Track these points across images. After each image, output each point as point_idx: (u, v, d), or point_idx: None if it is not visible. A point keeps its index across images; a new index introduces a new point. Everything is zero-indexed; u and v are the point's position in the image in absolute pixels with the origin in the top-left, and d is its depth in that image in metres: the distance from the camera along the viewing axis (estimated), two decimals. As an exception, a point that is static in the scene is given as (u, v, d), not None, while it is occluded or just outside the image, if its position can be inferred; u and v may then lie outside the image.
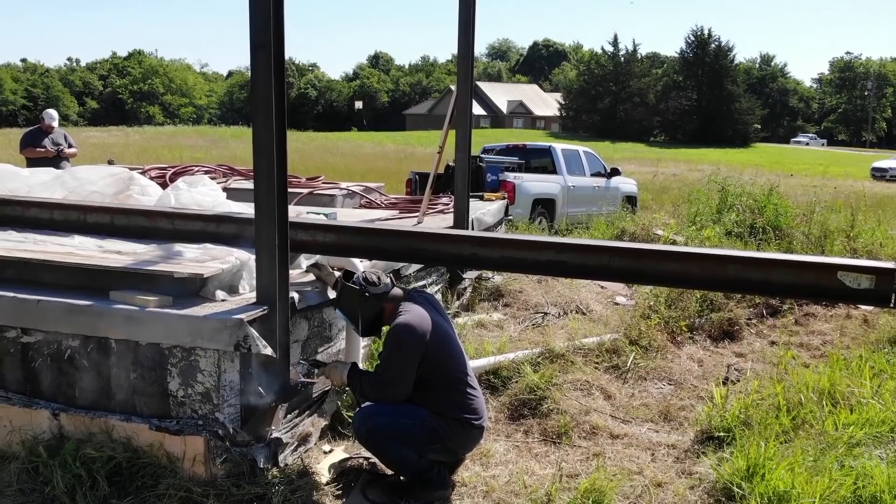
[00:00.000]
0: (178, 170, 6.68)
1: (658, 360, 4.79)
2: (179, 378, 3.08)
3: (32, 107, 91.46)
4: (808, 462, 3.28)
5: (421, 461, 3.19)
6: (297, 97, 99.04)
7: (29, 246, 3.68)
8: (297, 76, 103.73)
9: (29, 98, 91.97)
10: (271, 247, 3.09)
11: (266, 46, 2.94)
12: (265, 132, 2.96)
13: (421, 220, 5.93)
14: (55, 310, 3.18)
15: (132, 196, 4.33)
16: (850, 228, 7.31)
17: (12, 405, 3.32)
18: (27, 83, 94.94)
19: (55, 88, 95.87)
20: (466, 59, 5.59)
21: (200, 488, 3.00)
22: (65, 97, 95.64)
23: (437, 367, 3.18)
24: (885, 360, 4.66)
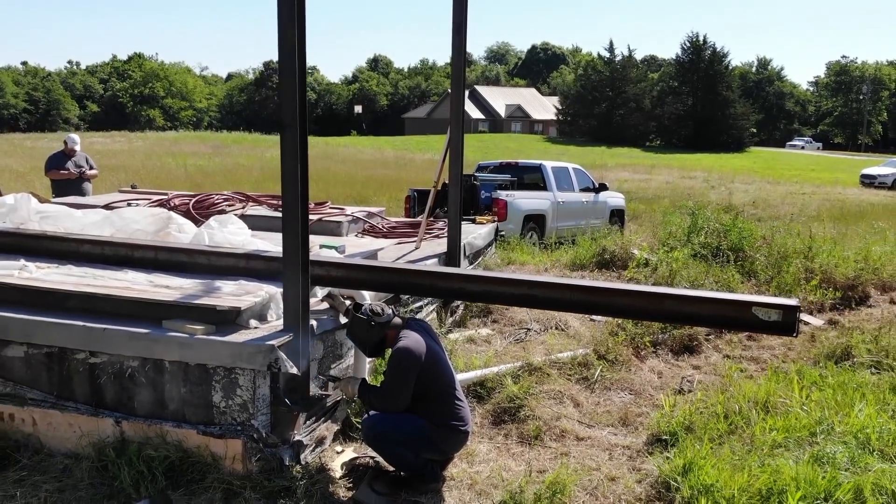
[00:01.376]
0: (200, 198, 7.39)
1: (622, 372, 5.52)
2: (222, 392, 3.81)
3: (34, 110, 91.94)
4: (733, 460, 4.01)
5: (418, 460, 3.92)
6: None
7: (90, 280, 4.41)
8: None
9: (30, 101, 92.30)
10: (295, 286, 3.82)
11: (293, 127, 3.67)
12: (292, 197, 3.69)
13: (418, 245, 6.67)
14: (119, 336, 3.91)
15: (171, 234, 5.06)
16: (807, 250, 8.03)
17: (81, 414, 4.05)
18: (28, 87, 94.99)
19: (56, 92, 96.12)
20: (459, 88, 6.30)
21: (239, 481, 3.73)
22: (66, 101, 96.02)
23: (431, 383, 3.90)
24: (818, 374, 5.40)
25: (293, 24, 3.62)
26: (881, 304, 7.80)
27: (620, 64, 71.93)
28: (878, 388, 5.14)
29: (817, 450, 4.17)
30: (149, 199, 7.91)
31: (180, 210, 7.00)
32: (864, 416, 4.56)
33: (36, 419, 4.12)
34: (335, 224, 7.16)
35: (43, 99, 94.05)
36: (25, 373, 4.16)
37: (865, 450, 4.22)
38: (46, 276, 4.48)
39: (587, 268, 9.07)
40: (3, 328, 4.13)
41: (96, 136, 51.24)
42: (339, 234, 7.05)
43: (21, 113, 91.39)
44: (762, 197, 26.87)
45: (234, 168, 29.16)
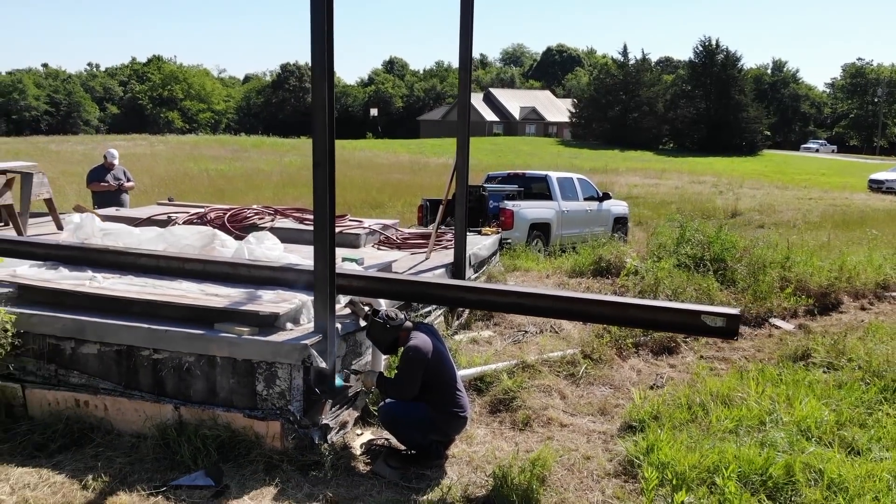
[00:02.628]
0: (234, 212, 8.24)
1: (605, 369, 6.30)
2: (264, 382, 4.63)
3: (55, 112, 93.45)
4: (689, 443, 4.78)
5: (424, 440, 4.72)
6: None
7: (149, 289, 5.25)
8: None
9: (51, 104, 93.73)
10: (323, 295, 4.64)
11: (323, 166, 4.49)
12: (321, 223, 4.51)
13: (429, 256, 7.48)
14: (178, 336, 4.75)
15: (215, 248, 5.89)
16: (785, 261, 8.76)
17: (146, 401, 4.88)
18: (49, 89, 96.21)
19: (77, 94, 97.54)
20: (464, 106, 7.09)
21: (277, 456, 4.55)
22: (86, 103, 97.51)
23: (435, 376, 4.70)
24: (777, 373, 6.15)
25: (324, 79, 4.43)
26: (851, 311, 8.53)
27: (634, 67, 72.47)
28: (826, 384, 5.90)
29: (763, 436, 4.94)
30: (186, 211, 8.77)
31: (216, 223, 7.86)
32: (808, 408, 5.32)
33: (107, 405, 4.96)
34: (354, 236, 7.99)
35: (64, 101, 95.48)
36: (98, 367, 5.00)
37: (804, 436, 5.00)
38: (112, 285, 5.33)
39: (585, 275, 9.83)
40: (79, 329, 4.98)
41: (118, 139, 52.42)
42: (358, 246, 7.88)
43: (42, 115, 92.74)
44: (768, 202, 27.45)
45: (255, 173, 30.09)
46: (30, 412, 5.11)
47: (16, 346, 4.94)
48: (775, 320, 7.83)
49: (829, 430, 5.08)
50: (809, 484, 4.33)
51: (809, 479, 4.38)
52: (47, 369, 5.11)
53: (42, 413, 5.06)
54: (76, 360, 5.04)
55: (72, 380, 5.05)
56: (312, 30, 4.37)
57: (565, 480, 4.55)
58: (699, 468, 4.46)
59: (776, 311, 8.00)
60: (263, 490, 4.28)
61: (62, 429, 4.91)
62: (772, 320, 7.81)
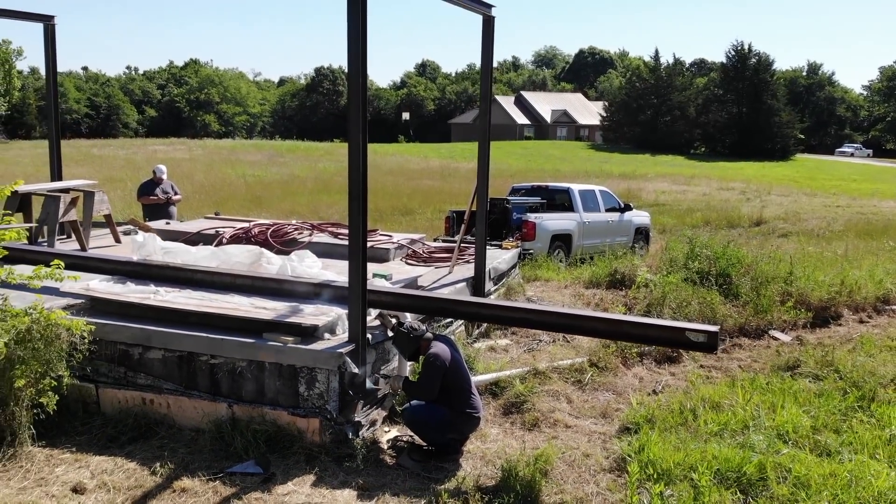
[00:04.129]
0: (275, 228, 9.03)
1: (610, 377, 6.96)
2: (305, 384, 5.38)
3: (95, 115, 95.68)
4: (676, 444, 5.42)
5: (443, 438, 5.42)
6: (346, 106, 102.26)
7: (206, 302, 6.03)
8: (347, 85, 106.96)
9: (91, 107, 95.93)
10: (356, 309, 5.37)
11: (358, 199, 5.22)
12: (355, 249, 5.23)
13: (451, 270, 8.19)
14: (232, 344, 5.51)
15: (262, 265, 6.66)
16: (788, 275, 9.31)
17: (203, 400, 5.65)
18: (89, 92, 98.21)
19: (116, 97, 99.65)
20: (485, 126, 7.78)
21: (316, 448, 5.28)
22: (125, 106, 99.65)
23: (452, 381, 5.40)
24: (765, 382, 6.75)
25: (358, 130, 5.16)
26: (850, 323, 9.06)
27: (665, 72, 72.52)
28: (809, 393, 6.49)
29: (744, 438, 5.57)
30: (232, 226, 9.59)
31: (260, 238, 8.65)
32: (788, 414, 5.93)
33: (170, 403, 5.74)
34: (384, 250, 8.73)
35: (104, 104, 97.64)
36: (162, 370, 5.79)
37: (782, 439, 5.61)
38: (173, 298, 6.12)
39: (601, 286, 10.46)
40: (146, 337, 5.77)
41: (157, 143, 53.96)
42: (388, 260, 8.62)
43: (83, 118, 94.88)
44: (794, 210, 27.72)
45: (290, 179, 31.08)
46: (102, 409, 5.90)
47: (91, 351, 5.72)
48: (774, 332, 8.40)
49: (805, 435, 5.68)
50: (779, 481, 4.95)
51: (779, 476, 5.00)
52: (118, 371, 5.90)
53: (113, 409, 5.85)
54: (143, 364, 5.83)
55: (139, 381, 5.84)
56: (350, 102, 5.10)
57: (565, 474, 5.22)
58: (683, 465, 5.10)
59: (776, 324, 8.57)
60: (304, 477, 5.01)
61: (131, 423, 5.68)
62: (771, 332, 8.39)
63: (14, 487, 4.87)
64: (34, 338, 5.22)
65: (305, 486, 4.91)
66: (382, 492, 4.89)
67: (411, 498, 4.84)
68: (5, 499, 4.70)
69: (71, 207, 8.87)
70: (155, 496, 4.76)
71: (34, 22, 9.72)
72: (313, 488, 4.90)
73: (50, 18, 9.69)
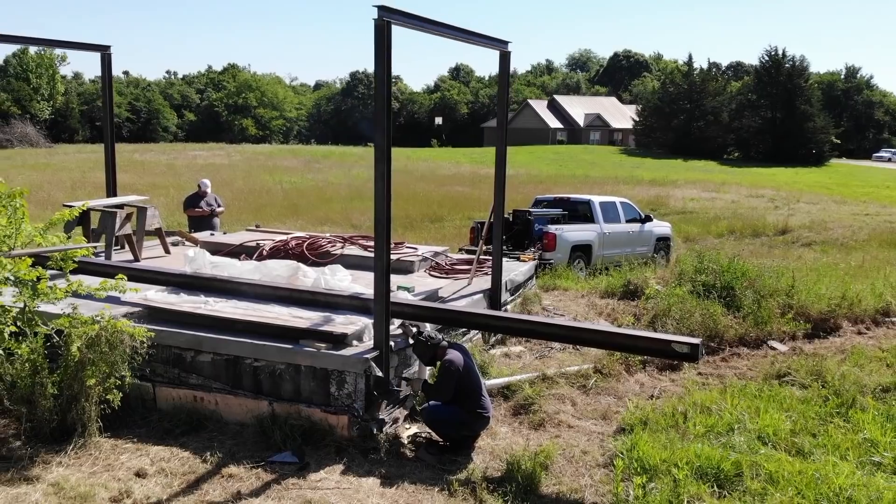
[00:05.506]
0: (311, 241, 9.83)
1: (613, 382, 7.62)
2: (336, 385, 6.14)
3: (135, 119, 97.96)
4: (664, 443, 6.07)
5: (457, 435, 6.14)
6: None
7: (250, 311, 6.82)
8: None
9: (132, 111, 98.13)
10: (381, 320, 6.12)
11: (382, 224, 5.96)
12: (380, 271, 5.98)
13: (470, 282, 8.90)
14: (273, 349, 6.29)
15: (299, 278, 7.45)
16: (790, 288, 9.85)
17: (247, 398, 6.44)
18: (130, 96, 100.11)
19: (156, 102, 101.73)
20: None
21: (345, 442, 6.04)
22: (165, 110, 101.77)
23: (465, 384, 6.11)
24: (755, 389, 7.35)
25: (383, 182, 5.89)
26: (848, 335, 9.58)
27: (699, 77, 72.38)
28: (793, 399, 7.09)
29: (727, 439, 6.20)
30: (272, 238, 10.42)
31: (297, 251, 9.46)
32: (770, 418, 6.55)
33: (218, 401, 6.53)
34: (409, 262, 9.49)
35: (144, 108, 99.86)
36: (211, 371, 6.58)
37: (762, 441, 6.23)
38: (221, 308, 6.92)
39: (615, 296, 11.09)
40: (198, 343, 6.58)
41: (197, 149, 55.42)
42: (412, 271, 9.37)
43: (124, 122, 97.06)
44: (822, 218, 27.82)
45: (325, 186, 32.05)
46: (158, 405, 6.71)
47: (150, 354, 6.53)
48: (773, 342, 8.97)
49: (784, 437, 6.29)
50: (752, 477, 5.58)
51: (753, 473, 5.63)
52: (172, 372, 6.71)
53: (167, 406, 6.66)
54: (194, 366, 6.63)
55: (191, 381, 6.65)
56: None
57: (564, 468, 5.91)
58: (668, 462, 5.76)
59: (775, 335, 9.13)
60: (334, 467, 5.77)
61: (184, 418, 6.48)
62: (770, 342, 8.96)
63: (86, 472, 5.68)
64: (102, 342, 6.03)
65: (335, 474, 5.66)
66: (402, 480, 5.63)
67: (427, 486, 5.57)
68: (79, 481, 5.51)
69: (126, 222, 9.76)
70: (206, 480, 5.54)
71: (92, 52, 10.65)
72: (342, 476, 5.65)
73: (107, 48, 10.60)
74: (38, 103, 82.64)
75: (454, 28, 6.82)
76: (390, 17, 5.76)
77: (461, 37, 7.08)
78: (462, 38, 7.09)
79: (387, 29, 5.70)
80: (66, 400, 5.98)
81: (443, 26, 6.57)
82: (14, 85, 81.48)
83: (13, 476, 5.48)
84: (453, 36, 6.95)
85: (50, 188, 27.72)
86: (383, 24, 5.68)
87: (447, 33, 6.79)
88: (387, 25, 5.71)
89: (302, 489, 5.40)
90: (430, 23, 6.32)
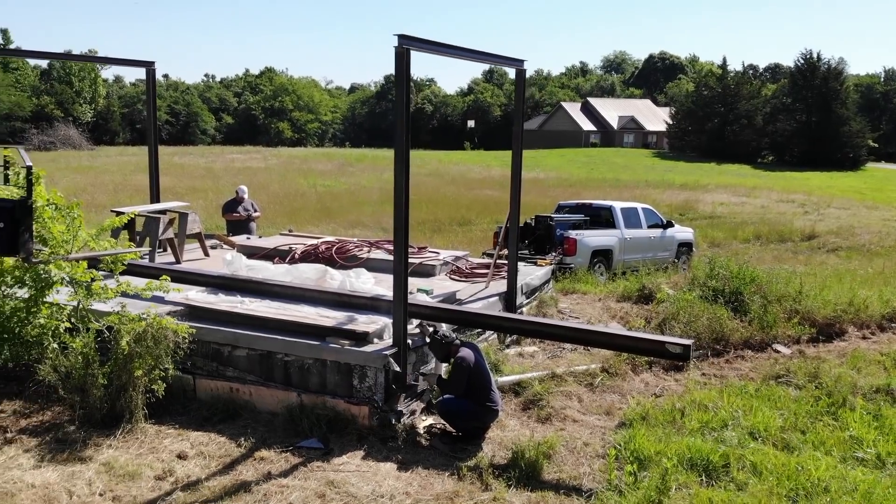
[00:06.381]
0: (339, 245, 10.47)
1: (619, 381, 8.10)
2: (358, 379, 6.73)
3: (175, 122, 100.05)
4: (660, 436, 6.56)
5: (468, 426, 6.70)
6: (414, 112, 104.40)
7: (281, 311, 7.45)
8: (415, 92, 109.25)
9: (171, 114, 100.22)
10: (399, 320, 6.70)
11: (401, 230, 6.54)
12: (398, 277, 6.56)
13: (488, 285, 9.45)
14: (302, 345, 6.90)
15: (326, 280, 8.07)
16: (797, 294, 10.23)
17: (278, 389, 7.06)
18: (170, 99, 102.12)
19: (195, 105, 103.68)
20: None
21: (366, 430, 6.62)
22: (203, 113, 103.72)
23: (476, 380, 6.66)
24: (754, 390, 7.79)
25: (402, 194, 6.47)
26: (853, 339, 9.93)
27: (733, 80, 71.98)
28: (787, 399, 7.52)
29: (719, 434, 6.67)
30: (303, 242, 11.07)
31: (326, 255, 10.09)
32: (762, 416, 6.99)
33: (251, 392, 7.16)
34: (431, 266, 10.07)
35: (183, 111, 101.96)
36: (246, 365, 7.22)
37: (752, 436, 6.69)
38: (256, 307, 7.56)
39: (631, 299, 11.55)
40: (234, 339, 7.21)
41: (234, 152, 56.65)
42: (434, 275, 9.95)
43: (164, 124, 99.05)
44: (850, 224, 27.87)
45: (357, 190, 32.80)
46: (198, 395, 7.36)
47: (191, 349, 7.17)
48: (777, 346, 9.37)
49: (775, 433, 6.74)
50: (738, 468, 6.05)
51: (740, 465, 6.10)
52: (210, 366, 7.36)
53: (206, 396, 7.30)
54: (231, 360, 7.27)
55: (227, 373, 7.28)
56: (395, 143, 6.43)
57: (566, 458, 6.44)
58: (661, 453, 6.25)
59: (780, 339, 9.53)
60: (356, 452, 6.36)
61: (221, 407, 7.11)
62: (774, 346, 9.36)
63: (133, 453, 6.34)
64: (148, 338, 6.69)
65: (356, 459, 6.25)
66: (416, 465, 6.20)
67: (439, 470, 6.13)
68: (127, 461, 6.16)
69: (168, 227, 10.48)
70: (240, 462, 6.17)
71: (138, 67, 11.41)
72: (363, 461, 6.24)
73: (151, 64, 11.35)
74: (80, 106, 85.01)
75: (469, 50, 7.38)
76: (409, 45, 6.33)
77: (477, 58, 7.64)
78: (478, 59, 7.65)
79: (406, 56, 6.28)
80: (115, 389, 6.64)
81: (459, 49, 7.12)
82: (57, 88, 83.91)
83: (69, 456, 6.15)
84: (469, 57, 7.51)
85: (93, 191, 28.82)
86: (403, 51, 6.25)
87: (463, 55, 7.35)
88: (406, 52, 6.28)
89: (326, 471, 6.00)
90: (447, 47, 6.88)
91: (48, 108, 78.94)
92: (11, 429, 6.58)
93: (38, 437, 6.44)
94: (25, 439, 6.41)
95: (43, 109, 78.05)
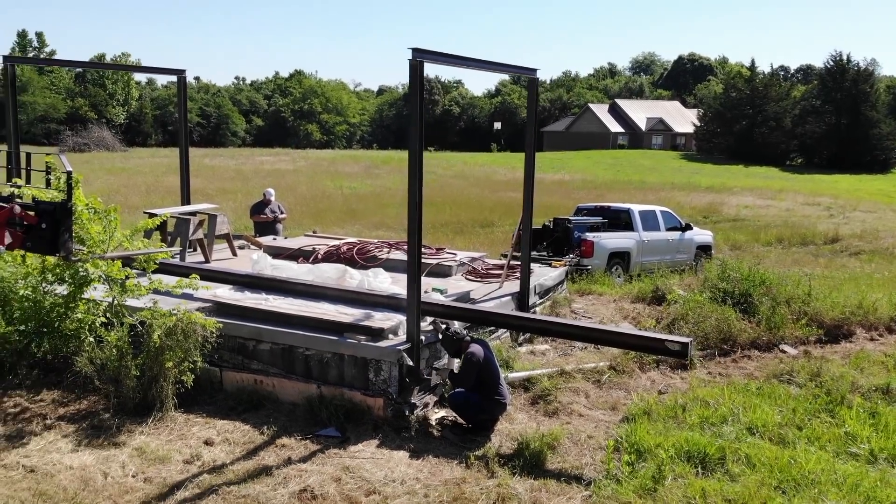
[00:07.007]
0: (360, 246, 10.90)
1: (625, 378, 8.41)
2: (373, 372, 7.13)
3: (206, 124, 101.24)
4: (660, 431, 6.87)
5: (477, 418, 7.07)
6: (441, 114, 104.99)
7: (303, 308, 7.88)
8: (442, 94, 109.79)
9: (202, 116, 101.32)
10: (413, 317, 7.09)
11: (414, 233, 6.93)
12: (412, 278, 6.94)
13: (501, 285, 9.81)
14: (322, 340, 7.32)
15: (346, 279, 8.50)
16: (806, 296, 10.45)
17: (299, 381, 7.47)
18: (201, 102, 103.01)
19: (225, 107, 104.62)
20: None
21: (381, 421, 7.01)
22: (233, 115, 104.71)
23: (485, 375, 7.02)
24: (756, 387, 8.05)
25: (415, 201, 6.85)
26: (860, 341, 10.12)
27: (761, 82, 71.47)
28: (787, 396, 7.78)
29: (718, 429, 6.96)
30: (326, 243, 11.52)
31: (347, 255, 10.53)
32: (761, 412, 7.27)
33: (274, 384, 7.59)
34: (447, 267, 10.46)
35: (214, 113, 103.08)
36: (269, 358, 7.65)
37: (750, 431, 6.97)
38: (279, 304, 8.00)
39: (645, 300, 11.83)
40: (258, 334, 7.65)
41: (264, 154, 57.45)
42: (450, 275, 10.33)
43: (195, 127, 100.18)
44: (876, 227, 27.74)
45: (382, 192, 33.27)
46: (224, 386, 7.80)
47: (218, 343, 7.61)
48: (784, 346, 9.61)
49: (772, 429, 7.02)
50: (733, 461, 6.34)
51: (735, 458, 6.39)
52: (236, 359, 7.80)
53: (232, 387, 7.74)
54: (255, 354, 7.71)
55: (252, 366, 7.72)
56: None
57: (570, 449, 6.78)
58: (660, 446, 6.56)
59: (788, 339, 9.76)
60: (371, 441, 6.76)
61: (245, 398, 7.54)
62: (781, 346, 9.60)
63: (163, 439, 6.79)
64: (178, 332, 7.14)
65: (371, 447, 6.65)
66: (428, 454, 6.58)
67: (448, 459, 6.51)
68: (158, 447, 6.61)
69: (198, 228, 10.98)
70: (263, 449, 6.59)
71: (170, 75, 11.92)
72: (377, 449, 6.63)
73: (182, 72, 11.86)
74: (113, 108, 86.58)
75: (481, 61, 7.75)
76: (423, 57, 6.72)
77: (490, 68, 8.00)
78: (490, 69, 8.02)
79: (420, 68, 6.67)
80: (147, 380, 7.10)
81: (470, 60, 7.50)
82: (91, 91, 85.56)
83: (104, 441, 6.61)
84: (482, 68, 7.88)
85: (126, 192, 29.59)
86: (417, 63, 6.64)
87: (476, 66, 7.72)
88: (420, 65, 6.67)
89: (342, 458, 6.40)
90: (459, 59, 7.27)
91: (82, 110, 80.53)
92: (51, 416, 7.07)
93: (75, 424, 6.92)
94: (64, 426, 6.89)
95: (77, 111, 79.63)
